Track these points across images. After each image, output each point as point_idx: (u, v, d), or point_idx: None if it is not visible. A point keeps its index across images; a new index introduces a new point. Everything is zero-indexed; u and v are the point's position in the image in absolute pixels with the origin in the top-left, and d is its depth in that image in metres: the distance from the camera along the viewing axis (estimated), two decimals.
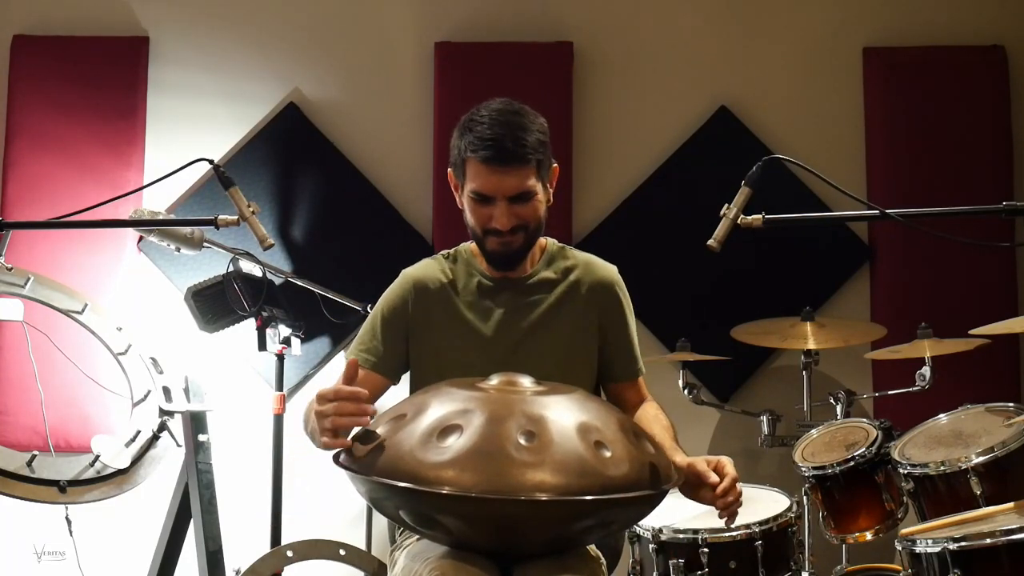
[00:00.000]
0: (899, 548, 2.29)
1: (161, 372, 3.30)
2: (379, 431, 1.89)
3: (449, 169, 2.30)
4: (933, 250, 3.76)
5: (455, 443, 1.79)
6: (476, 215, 2.24)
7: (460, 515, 1.79)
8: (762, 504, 2.85)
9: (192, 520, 3.16)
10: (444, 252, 2.41)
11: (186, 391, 3.26)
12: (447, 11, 3.97)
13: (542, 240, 2.37)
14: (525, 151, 2.17)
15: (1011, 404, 2.79)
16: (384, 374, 2.31)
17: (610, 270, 2.40)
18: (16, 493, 2.90)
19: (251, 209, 2.28)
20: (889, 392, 3.43)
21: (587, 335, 2.34)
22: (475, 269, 2.35)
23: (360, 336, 2.36)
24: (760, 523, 2.71)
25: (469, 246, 2.38)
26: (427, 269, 2.37)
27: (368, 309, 3.16)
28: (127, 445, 3.15)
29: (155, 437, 3.21)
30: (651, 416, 2.33)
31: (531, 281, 2.34)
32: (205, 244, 3.19)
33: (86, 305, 3.27)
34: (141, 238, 3.70)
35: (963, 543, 2.14)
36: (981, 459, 2.59)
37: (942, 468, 2.65)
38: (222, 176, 2.31)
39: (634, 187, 3.93)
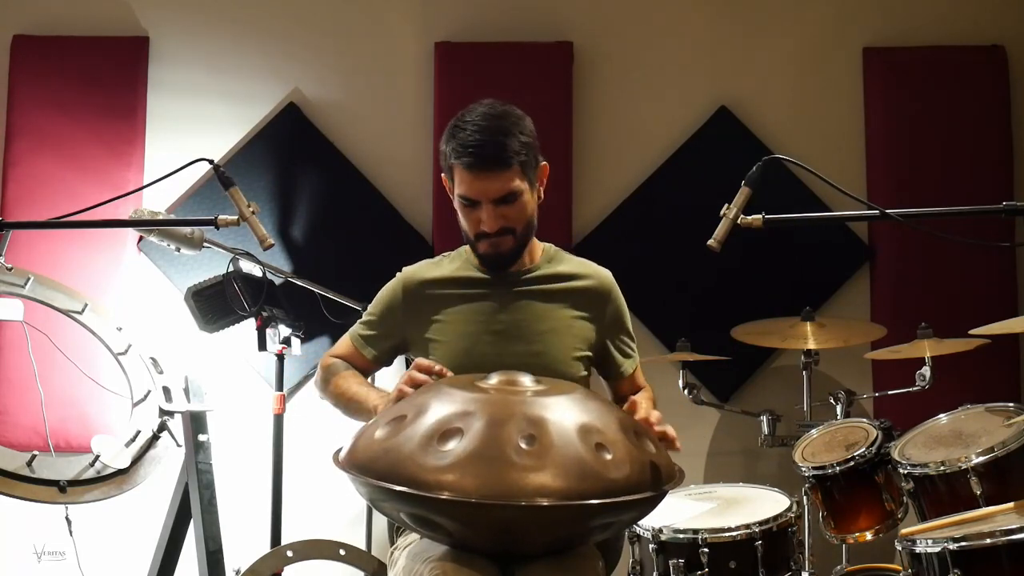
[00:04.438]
0: (899, 548, 2.29)
1: (161, 372, 3.30)
2: (379, 433, 1.89)
3: (443, 174, 2.35)
4: (933, 250, 3.76)
5: (455, 447, 1.78)
6: (467, 219, 2.30)
7: (460, 519, 1.78)
8: (762, 504, 2.85)
9: (192, 520, 3.16)
10: (445, 253, 2.47)
11: (186, 391, 3.26)
12: (447, 11, 3.97)
13: (539, 243, 2.41)
14: (507, 155, 2.21)
15: (1011, 404, 2.79)
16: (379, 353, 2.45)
17: (605, 274, 2.44)
18: (16, 493, 2.90)
19: (251, 209, 2.28)
20: (889, 392, 3.43)
21: (582, 337, 2.36)
22: (473, 265, 2.38)
23: (361, 321, 2.46)
24: (760, 523, 2.71)
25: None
26: (422, 268, 2.43)
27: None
28: (127, 445, 3.15)
29: (155, 437, 3.20)
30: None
31: (527, 276, 2.37)
32: (205, 244, 3.18)
33: (86, 305, 3.26)
34: (141, 238, 3.70)
35: (963, 543, 2.14)
36: (981, 459, 2.59)
37: (942, 468, 2.65)
38: (222, 176, 2.31)
39: (634, 187, 3.93)
